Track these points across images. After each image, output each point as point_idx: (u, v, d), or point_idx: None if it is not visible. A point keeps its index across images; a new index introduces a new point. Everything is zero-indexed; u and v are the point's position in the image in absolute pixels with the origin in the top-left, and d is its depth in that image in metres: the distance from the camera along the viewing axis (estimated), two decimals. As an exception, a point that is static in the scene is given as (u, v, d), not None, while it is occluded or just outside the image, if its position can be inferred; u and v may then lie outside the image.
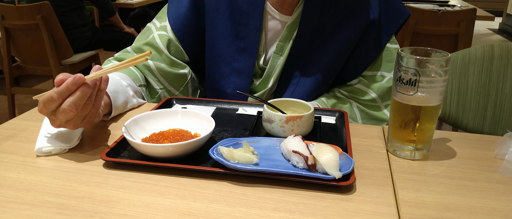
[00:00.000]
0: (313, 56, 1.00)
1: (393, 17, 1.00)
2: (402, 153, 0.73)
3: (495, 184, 0.65)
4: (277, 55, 1.01)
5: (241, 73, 1.01)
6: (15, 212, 0.56)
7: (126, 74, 0.95)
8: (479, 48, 1.16)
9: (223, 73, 1.02)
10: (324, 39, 0.99)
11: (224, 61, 1.02)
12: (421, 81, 0.67)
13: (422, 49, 0.70)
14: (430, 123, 0.71)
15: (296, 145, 0.65)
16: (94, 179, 0.64)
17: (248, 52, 1.00)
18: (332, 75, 1.04)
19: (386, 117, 1.02)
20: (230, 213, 0.56)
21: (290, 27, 0.99)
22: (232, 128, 0.82)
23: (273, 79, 1.01)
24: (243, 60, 1.00)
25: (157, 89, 1.02)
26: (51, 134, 0.74)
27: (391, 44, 1.01)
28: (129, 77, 0.95)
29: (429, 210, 0.58)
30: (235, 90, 1.01)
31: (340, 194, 0.61)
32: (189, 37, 1.03)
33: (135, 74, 0.98)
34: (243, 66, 1.00)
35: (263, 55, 1.02)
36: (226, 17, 0.99)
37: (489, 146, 0.78)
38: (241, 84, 1.01)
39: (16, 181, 0.63)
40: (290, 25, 0.99)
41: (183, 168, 0.65)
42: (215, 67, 1.03)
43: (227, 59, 1.01)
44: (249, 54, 1.00)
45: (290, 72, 1.01)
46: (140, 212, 0.56)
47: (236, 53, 1.00)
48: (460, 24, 2.41)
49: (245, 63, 1.00)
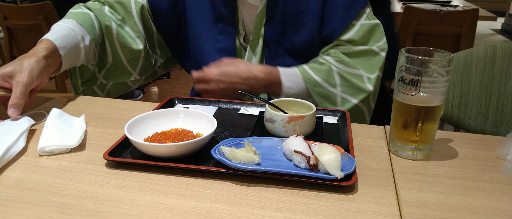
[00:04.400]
0: (292, 40, 1.01)
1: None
2: (404, 153, 0.73)
3: (497, 184, 0.65)
4: (254, 42, 1.04)
5: (224, 52, 1.05)
6: (18, 211, 0.56)
7: (85, 30, 0.97)
8: (481, 48, 1.15)
9: (208, 53, 1.06)
10: (296, 22, 1.00)
11: (208, 43, 1.06)
12: (423, 81, 0.67)
13: (424, 49, 0.70)
14: (432, 123, 0.71)
15: (298, 145, 0.66)
16: (97, 179, 0.64)
17: (227, 31, 1.04)
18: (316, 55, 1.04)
19: (366, 87, 0.98)
20: (232, 212, 0.56)
21: (260, 15, 1.01)
22: (234, 128, 0.82)
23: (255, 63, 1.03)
24: (224, 40, 1.05)
25: (108, 50, 1.04)
26: (53, 134, 0.74)
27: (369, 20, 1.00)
28: (87, 33, 0.97)
29: (431, 210, 0.58)
30: None
31: (342, 194, 0.61)
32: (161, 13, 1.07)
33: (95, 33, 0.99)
34: (225, 45, 1.05)
35: (243, 33, 1.06)
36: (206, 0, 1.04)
37: (491, 146, 0.78)
38: None
39: (19, 180, 0.63)
40: (260, 12, 1.01)
41: (185, 167, 0.65)
42: (200, 48, 1.07)
43: (210, 41, 1.05)
44: (229, 33, 1.04)
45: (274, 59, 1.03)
46: (142, 212, 0.56)
47: (218, 34, 1.05)
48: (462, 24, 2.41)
49: (226, 43, 1.05)
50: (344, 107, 0.98)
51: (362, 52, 1.00)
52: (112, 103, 0.96)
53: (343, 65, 0.98)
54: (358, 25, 1.00)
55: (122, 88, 1.12)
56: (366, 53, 1.00)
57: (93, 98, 0.99)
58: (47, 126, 0.76)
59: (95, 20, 1.00)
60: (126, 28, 1.05)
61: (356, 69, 0.99)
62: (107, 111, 0.91)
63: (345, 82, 0.98)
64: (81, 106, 0.94)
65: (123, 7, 1.05)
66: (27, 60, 0.81)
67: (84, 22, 0.97)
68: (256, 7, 1.02)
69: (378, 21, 1.01)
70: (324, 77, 0.97)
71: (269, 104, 0.79)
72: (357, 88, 0.98)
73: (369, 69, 0.99)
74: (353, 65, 0.99)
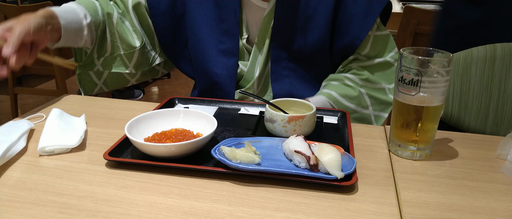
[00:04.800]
0: (298, 44, 1.01)
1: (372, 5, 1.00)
2: (404, 153, 0.73)
3: (497, 184, 0.65)
4: (260, 44, 1.03)
5: (227, 54, 1.04)
6: (18, 211, 0.56)
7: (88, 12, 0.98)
8: (481, 49, 1.15)
9: (210, 54, 1.05)
10: (303, 26, 1.00)
11: (210, 44, 1.05)
12: (423, 81, 0.67)
13: (424, 49, 0.70)
14: (432, 123, 0.71)
15: (298, 145, 0.66)
16: (97, 179, 0.64)
17: (231, 33, 1.03)
18: (322, 59, 1.05)
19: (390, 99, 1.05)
20: (232, 212, 0.56)
21: (268, 17, 1.01)
22: (234, 128, 0.82)
23: (259, 67, 1.03)
24: (227, 41, 1.04)
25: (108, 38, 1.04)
26: (54, 134, 0.74)
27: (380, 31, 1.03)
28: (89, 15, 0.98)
29: (431, 210, 0.58)
30: (223, 70, 1.03)
31: (342, 194, 0.61)
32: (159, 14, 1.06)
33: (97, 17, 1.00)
34: (228, 46, 1.04)
35: (246, 35, 1.05)
36: (209, 1, 1.04)
37: (491, 146, 0.78)
38: (228, 64, 1.04)
39: (19, 180, 0.63)
40: (267, 15, 1.01)
41: (186, 167, 0.65)
42: (201, 49, 1.06)
43: (213, 42, 1.04)
44: (232, 35, 1.03)
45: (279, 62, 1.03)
46: (143, 212, 0.56)
47: (221, 35, 1.04)
48: (463, 24, 2.41)
49: (229, 44, 1.04)
50: (378, 123, 1.04)
51: (380, 64, 1.04)
52: (112, 103, 0.96)
53: (368, 83, 1.03)
54: (372, 37, 1.02)
55: (118, 80, 1.12)
56: (383, 64, 1.04)
57: (93, 98, 0.99)
58: (48, 126, 0.76)
59: (99, 7, 1.02)
60: (125, 21, 1.06)
61: (379, 84, 1.04)
62: (107, 111, 0.91)
63: (374, 101, 1.04)
64: (81, 106, 0.94)
65: (122, 2, 1.06)
66: (25, 15, 0.83)
67: (88, 6, 0.99)
68: (263, 9, 1.01)
69: (388, 32, 1.05)
70: (357, 102, 1.01)
71: (269, 104, 0.79)
72: (384, 103, 1.04)
73: (387, 80, 1.05)
74: (377, 81, 1.03)
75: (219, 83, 1.03)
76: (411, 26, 2.43)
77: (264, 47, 1.03)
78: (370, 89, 1.03)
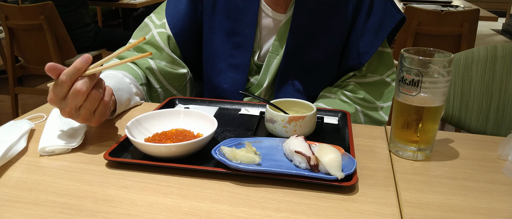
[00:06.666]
0: (308, 55, 1.00)
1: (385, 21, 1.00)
2: (405, 154, 0.73)
3: (498, 185, 0.65)
4: (273, 54, 1.02)
5: (237, 69, 1.02)
6: (18, 211, 0.56)
7: (128, 72, 0.96)
8: (482, 49, 1.15)
9: (220, 68, 1.03)
10: (317, 37, 0.99)
11: (221, 57, 1.03)
12: (424, 82, 0.67)
13: (425, 49, 0.70)
14: (433, 123, 0.70)
15: (299, 145, 0.65)
16: (97, 179, 0.64)
17: (244, 47, 1.01)
18: (328, 73, 1.05)
19: (383, 118, 1.04)
20: (233, 213, 0.56)
21: (284, 27, 1.00)
22: (234, 128, 0.82)
23: (269, 77, 1.02)
24: (239, 56, 1.02)
25: (157, 88, 1.03)
26: (54, 134, 0.74)
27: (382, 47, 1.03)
28: (131, 75, 0.96)
29: (432, 210, 0.58)
30: (232, 86, 1.02)
31: (343, 195, 0.61)
32: (184, 34, 1.04)
33: (136, 72, 0.98)
34: (239, 61, 1.02)
35: (258, 51, 1.03)
36: (223, 14, 1.01)
37: (492, 147, 0.78)
38: (237, 79, 1.02)
39: (19, 180, 0.63)
40: (284, 24, 1.00)
41: (186, 168, 0.65)
42: (212, 63, 1.05)
43: (224, 55, 1.03)
44: (245, 50, 1.01)
45: (287, 71, 1.02)
46: (143, 212, 0.56)
47: (233, 49, 1.02)
48: (463, 24, 2.41)
49: (241, 59, 1.02)
50: None
51: (376, 83, 1.04)
52: (112, 103, 0.96)
53: (364, 102, 1.02)
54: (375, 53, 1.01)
55: None
56: (380, 83, 1.04)
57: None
58: (48, 126, 0.76)
59: (134, 66, 0.99)
60: (162, 62, 1.02)
61: (374, 103, 1.03)
62: (108, 111, 0.91)
63: (368, 119, 1.03)
64: (81, 106, 0.94)
65: (150, 44, 1.02)
66: None
67: (125, 68, 0.96)
68: (279, 21, 1.00)
69: (390, 50, 1.04)
70: (353, 120, 0.99)
71: (269, 105, 0.79)
72: (377, 121, 1.03)
73: (382, 99, 1.04)
74: (372, 100, 1.03)
75: (226, 97, 1.03)
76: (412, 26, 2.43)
77: (277, 57, 1.01)
78: (366, 108, 1.03)
